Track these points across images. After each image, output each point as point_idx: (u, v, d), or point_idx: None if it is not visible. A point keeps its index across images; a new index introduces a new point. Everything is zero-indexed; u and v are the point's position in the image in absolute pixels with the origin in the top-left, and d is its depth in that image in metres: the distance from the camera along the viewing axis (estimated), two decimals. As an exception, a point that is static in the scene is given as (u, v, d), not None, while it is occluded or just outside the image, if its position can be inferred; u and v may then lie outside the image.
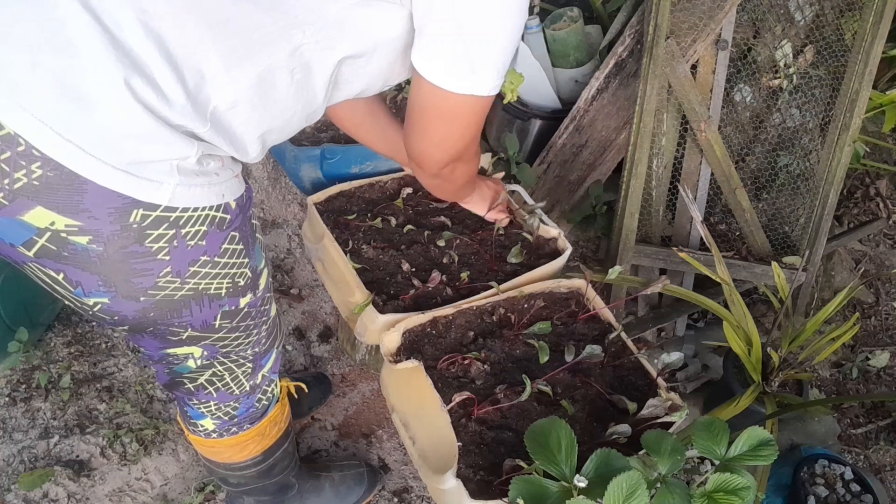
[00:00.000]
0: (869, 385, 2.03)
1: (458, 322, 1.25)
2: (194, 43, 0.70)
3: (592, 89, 1.89)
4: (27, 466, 1.51)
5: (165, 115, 0.70)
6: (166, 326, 0.88)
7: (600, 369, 1.21)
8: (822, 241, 1.87)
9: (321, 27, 0.77)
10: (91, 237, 0.72)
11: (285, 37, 0.75)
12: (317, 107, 0.88)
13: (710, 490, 0.94)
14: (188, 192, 0.76)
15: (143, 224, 0.74)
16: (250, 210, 0.91)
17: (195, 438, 1.16)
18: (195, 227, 0.79)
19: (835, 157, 1.79)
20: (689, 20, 1.72)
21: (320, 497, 1.43)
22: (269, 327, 1.04)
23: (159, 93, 0.69)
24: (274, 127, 0.85)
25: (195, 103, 0.72)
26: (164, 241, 0.77)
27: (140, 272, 0.78)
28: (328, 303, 1.93)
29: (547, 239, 1.44)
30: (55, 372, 1.66)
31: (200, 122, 0.74)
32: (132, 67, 0.67)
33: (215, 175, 0.80)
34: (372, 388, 1.78)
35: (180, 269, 0.81)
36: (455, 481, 0.99)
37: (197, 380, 1.02)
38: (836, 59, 1.77)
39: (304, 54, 0.78)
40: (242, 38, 0.73)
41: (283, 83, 0.79)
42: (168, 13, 0.68)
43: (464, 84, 0.86)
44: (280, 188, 2.12)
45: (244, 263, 0.90)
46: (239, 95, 0.76)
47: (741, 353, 1.55)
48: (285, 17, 0.74)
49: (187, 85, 0.71)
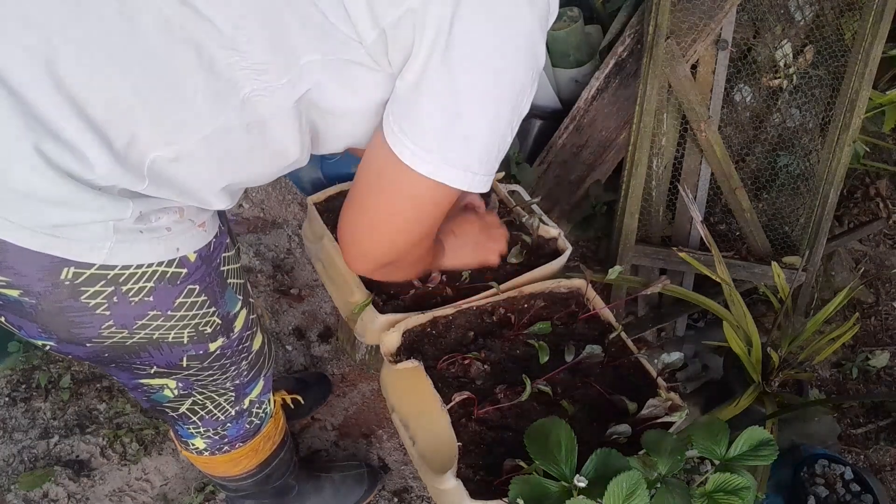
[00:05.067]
0: (869, 385, 2.03)
1: (458, 322, 1.24)
2: (120, 107, 0.64)
3: (592, 89, 1.89)
4: (27, 466, 1.51)
5: (90, 179, 0.64)
6: (128, 364, 0.83)
7: (600, 369, 1.21)
8: (822, 241, 1.87)
9: (273, 80, 0.68)
10: (21, 291, 0.68)
11: (233, 91, 0.67)
12: (294, 158, 0.78)
13: (710, 490, 0.94)
14: (129, 250, 0.69)
15: (75, 282, 0.68)
16: (219, 257, 0.83)
17: (188, 454, 1.15)
18: (139, 284, 0.72)
19: (835, 157, 1.79)
20: (689, 20, 1.72)
21: (320, 497, 1.43)
22: (250, 361, 0.99)
23: (80, 157, 0.63)
24: (238, 181, 0.76)
25: (126, 164, 0.65)
26: (102, 298, 0.71)
27: (79, 324, 0.73)
28: (328, 303, 1.93)
29: (547, 239, 1.44)
30: (55, 372, 1.66)
31: (136, 180, 0.67)
32: (45, 133, 0.61)
33: (166, 230, 0.72)
34: (372, 388, 1.78)
35: (125, 323, 0.75)
36: (455, 481, 0.99)
37: (178, 409, 0.99)
38: (836, 59, 1.77)
39: (256, 108, 0.69)
40: (181, 101, 0.65)
41: (238, 142, 0.71)
42: (84, 74, 0.62)
43: (429, 167, 0.71)
44: (280, 188, 2.12)
45: (210, 313, 0.83)
46: (182, 152, 0.68)
47: (741, 353, 1.55)
48: (230, 72, 0.66)
49: (113, 147, 0.64)
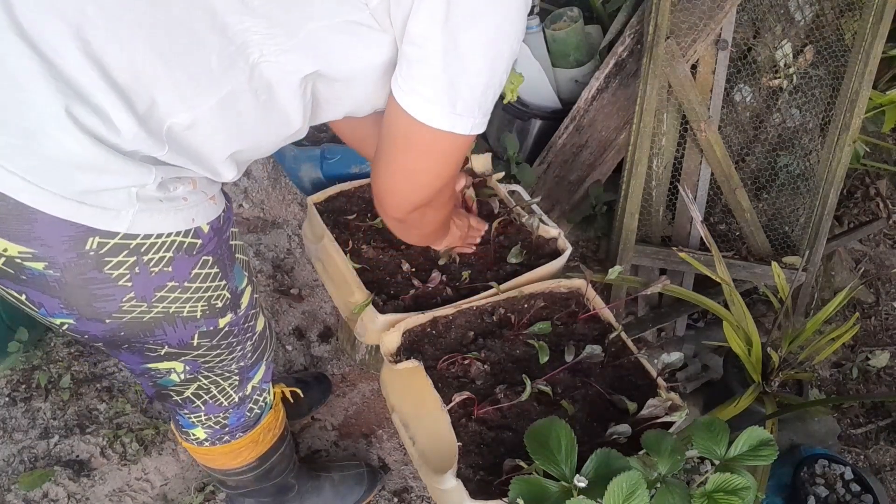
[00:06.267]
0: (869, 385, 2.03)
1: (458, 322, 1.25)
2: (144, 70, 0.67)
3: (592, 89, 1.89)
4: (27, 466, 1.51)
5: (115, 142, 0.67)
6: (141, 344, 0.85)
7: (600, 369, 1.21)
8: (822, 241, 1.87)
9: (282, 42, 0.71)
10: (46, 263, 0.70)
11: (242, 56, 0.70)
12: (297, 128, 0.83)
13: (710, 490, 0.94)
14: (150, 219, 0.72)
15: (100, 252, 0.71)
16: (228, 231, 0.86)
17: (189, 446, 1.16)
18: (159, 254, 0.75)
19: (835, 157, 1.79)
20: (689, 20, 1.72)
21: (320, 497, 1.43)
22: (254, 342, 1.01)
23: (107, 121, 0.66)
24: (245, 147, 0.80)
25: (148, 128, 0.68)
26: (125, 269, 0.73)
27: (101, 297, 0.75)
28: (328, 303, 1.93)
29: (547, 239, 1.44)
30: (55, 372, 1.66)
31: (157, 146, 0.70)
32: (74, 97, 0.64)
33: (182, 200, 0.75)
34: (372, 388, 1.78)
35: (145, 295, 0.77)
36: (455, 481, 0.99)
37: (183, 393, 1.00)
38: (836, 59, 1.77)
39: (263, 73, 0.73)
40: (199, 65, 0.69)
41: (247, 106, 0.74)
42: (111, 40, 0.65)
43: (445, 120, 0.79)
44: (280, 188, 2.12)
45: (221, 286, 0.86)
46: (198, 118, 0.71)
47: (741, 353, 1.55)
48: (242, 36, 0.69)
49: (137, 111, 0.67)
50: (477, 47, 0.75)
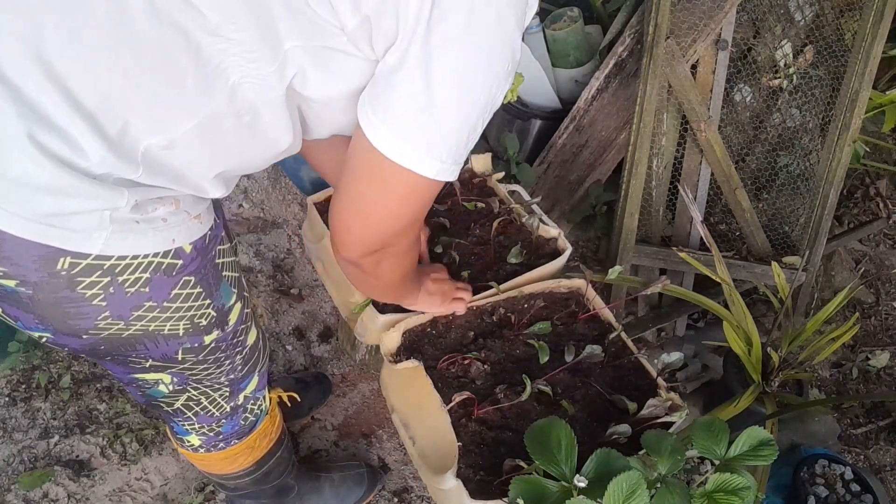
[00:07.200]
0: (869, 385, 2.03)
1: (458, 322, 1.25)
2: (110, 92, 0.64)
3: (592, 89, 1.89)
4: (27, 466, 1.51)
5: (84, 166, 0.65)
6: (124, 357, 0.83)
7: (600, 369, 1.21)
8: (822, 241, 1.87)
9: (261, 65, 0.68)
10: (18, 281, 0.69)
11: (221, 77, 0.67)
12: (287, 145, 0.79)
13: (710, 490, 0.94)
14: (124, 241, 0.70)
15: (72, 272, 0.69)
16: (214, 250, 0.83)
17: (184, 451, 1.15)
18: (135, 275, 0.73)
19: (835, 157, 1.79)
20: (689, 20, 1.72)
21: (320, 498, 1.43)
22: (245, 356, 0.99)
23: (73, 145, 0.64)
24: (232, 167, 0.77)
25: (119, 151, 0.66)
26: (99, 289, 0.71)
27: (75, 315, 0.73)
28: (328, 303, 1.93)
29: (547, 239, 1.44)
30: (55, 372, 1.66)
31: (130, 168, 0.67)
32: (37, 121, 0.62)
33: (162, 221, 0.73)
34: (372, 388, 1.78)
35: (122, 314, 0.76)
36: (455, 481, 0.99)
37: (173, 404, 0.99)
38: (836, 59, 1.77)
39: (246, 95, 0.70)
40: (172, 86, 0.66)
41: (230, 127, 0.71)
42: (73, 60, 0.62)
43: (406, 156, 0.72)
44: (280, 188, 2.12)
45: (205, 305, 0.83)
46: (175, 139, 0.69)
47: (741, 353, 1.55)
48: (219, 57, 0.66)
49: (107, 133, 0.65)
50: (450, 83, 0.70)
